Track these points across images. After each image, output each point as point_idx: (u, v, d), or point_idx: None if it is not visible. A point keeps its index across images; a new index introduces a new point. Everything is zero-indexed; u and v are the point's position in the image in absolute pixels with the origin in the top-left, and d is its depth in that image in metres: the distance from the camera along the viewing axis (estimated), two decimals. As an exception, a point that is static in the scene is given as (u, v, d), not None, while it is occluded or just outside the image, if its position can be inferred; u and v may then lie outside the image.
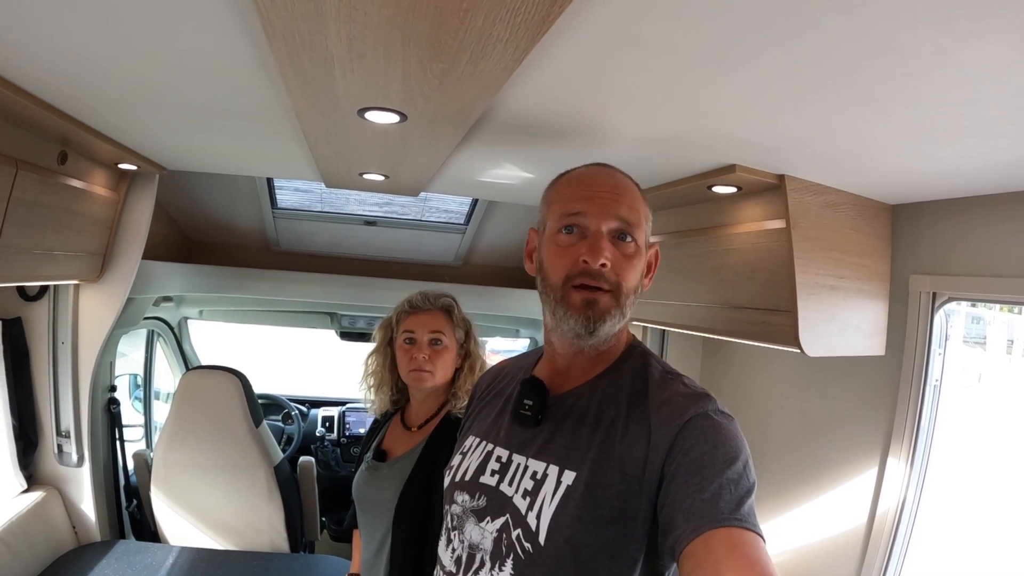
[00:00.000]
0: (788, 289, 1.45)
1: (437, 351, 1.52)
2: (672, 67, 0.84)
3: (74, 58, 0.95)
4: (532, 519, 0.82)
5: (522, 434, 0.91)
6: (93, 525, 2.04)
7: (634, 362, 0.91)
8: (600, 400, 0.88)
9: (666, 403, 0.82)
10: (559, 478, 0.83)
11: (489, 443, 0.95)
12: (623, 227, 0.85)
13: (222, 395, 2.18)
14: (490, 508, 0.88)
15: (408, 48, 0.72)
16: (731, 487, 0.72)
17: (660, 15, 0.68)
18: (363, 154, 1.44)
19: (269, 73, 0.96)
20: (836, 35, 0.69)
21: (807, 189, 1.45)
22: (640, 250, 0.88)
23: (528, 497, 0.84)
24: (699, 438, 0.77)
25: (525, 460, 0.88)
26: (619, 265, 0.85)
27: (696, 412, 0.79)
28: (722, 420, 0.79)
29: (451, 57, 0.74)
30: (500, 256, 3.09)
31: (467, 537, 0.89)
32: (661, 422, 0.80)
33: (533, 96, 1.02)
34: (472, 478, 0.93)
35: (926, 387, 1.56)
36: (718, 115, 1.05)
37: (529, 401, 0.91)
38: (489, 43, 0.69)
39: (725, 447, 0.76)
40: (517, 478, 0.87)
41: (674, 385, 0.85)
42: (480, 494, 0.90)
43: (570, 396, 0.91)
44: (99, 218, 1.78)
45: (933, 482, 1.58)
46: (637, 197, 0.89)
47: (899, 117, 0.95)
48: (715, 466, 0.74)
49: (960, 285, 1.49)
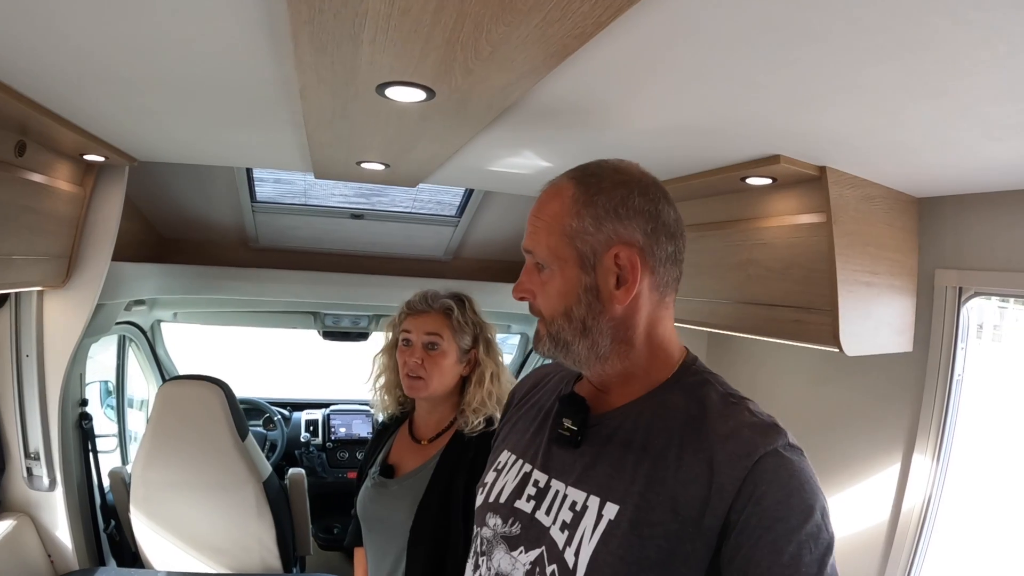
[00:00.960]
0: (826, 287, 1.39)
1: (432, 356, 1.40)
2: (727, 52, 0.78)
3: (34, 27, 0.80)
4: (570, 556, 0.75)
5: (562, 457, 0.84)
6: (70, 552, 1.88)
7: (687, 383, 0.82)
8: (648, 424, 0.79)
9: (731, 437, 0.73)
10: (600, 511, 0.76)
11: (527, 463, 0.88)
12: (531, 256, 0.83)
13: (204, 407, 2.01)
14: (524, 537, 0.82)
15: (469, 3, 0.58)
16: (811, 545, 0.67)
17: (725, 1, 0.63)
18: (368, 140, 1.30)
19: (273, 40, 0.81)
20: (891, 25, 0.67)
21: (847, 182, 1.38)
22: (554, 273, 0.80)
23: (566, 531, 0.77)
24: (771, 483, 0.69)
25: (564, 488, 0.81)
26: (538, 293, 0.82)
27: (766, 450, 0.71)
28: (794, 458, 0.72)
29: (520, 18, 0.61)
30: (493, 249, 2.98)
31: (495, 565, 0.83)
32: (725, 460, 0.72)
33: (576, 77, 0.90)
34: (507, 501, 0.86)
35: (952, 382, 1.53)
36: (767, 103, 0.98)
37: (568, 421, 0.84)
38: (575, 1, 0.56)
39: (800, 494, 0.69)
40: (555, 507, 0.80)
41: (738, 413, 0.76)
42: (514, 520, 0.84)
43: (613, 417, 0.82)
44: (63, 216, 1.60)
45: (955, 477, 1.55)
46: (546, 215, 0.81)
47: (948, 111, 0.91)
48: (791, 520, 0.67)
49: (986, 280, 1.47)
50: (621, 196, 0.78)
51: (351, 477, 3.25)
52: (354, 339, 3.54)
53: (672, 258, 0.81)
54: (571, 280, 0.79)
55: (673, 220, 0.81)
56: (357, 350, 4.08)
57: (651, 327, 0.82)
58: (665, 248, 0.80)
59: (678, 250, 0.82)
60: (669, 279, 0.82)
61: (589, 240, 0.78)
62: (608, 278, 0.78)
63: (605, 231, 0.78)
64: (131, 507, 2.02)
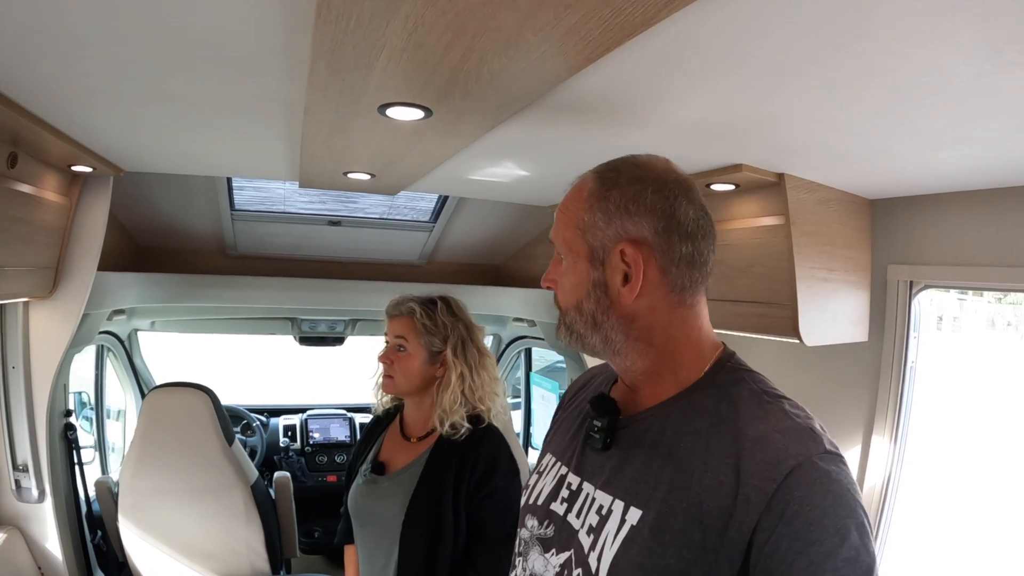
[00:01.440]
0: (787, 283, 1.50)
1: (399, 356, 1.49)
2: (701, 79, 0.85)
3: (32, 37, 0.81)
4: (593, 560, 0.74)
5: (592, 460, 0.83)
6: (60, 564, 1.86)
7: (720, 381, 0.77)
8: (676, 426, 0.75)
9: (761, 442, 0.68)
10: (623, 516, 0.73)
11: (564, 466, 0.88)
12: (557, 248, 0.83)
13: (191, 414, 2.03)
14: (557, 540, 0.81)
15: (478, 40, 0.66)
16: (849, 570, 0.61)
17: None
18: (360, 152, 1.35)
19: (288, 62, 0.86)
20: (842, 58, 0.76)
21: (804, 187, 1.50)
22: (572, 264, 0.80)
23: (592, 535, 0.76)
24: (804, 500, 0.64)
25: (593, 491, 0.80)
26: (558, 284, 0.83)
27: (800, 460, 0.66)
28: (831, 468, 0.66)
29: (521, 53, 0.68)
30: (466, 253, 3.03)
31: (530, 566, 0.83)
32: (753, 469, 0.66)
33: (563, 97, 0.98)
34: (544, 503, 0.86)
35: (906, 369, 1.66)
36: (732, 119, 1.07)
37: (598, 423, 0.82)
38: (571, 41, 0.64)
39: (835, 511, 0.63)
40: (584, 510, 0.79)
41: (772, 415, 0.71)
42: (549, 522, 0.84)
43: (642, 419, 0.79)
44: (51, 227, 1.60)
45: (913, 457, 1.68)
46: (566, 207, 0.81)
47: (907, 125, 1.01)
48: (826, 542, 0.62)
49: (935, 274, 1.59)
50: (634, 192, 0.76)
51: (331, 481, 3.28)
52: (330, 344, 3.56)
53: (689, 259, 0.76)
54: (582, 274, 0.78)
55: (692, 220, 0.76)
56: (332, 355, 4.07)
57: (671, 327, 0.78)
58: (679, 248, 0.76)
59: (697, 251, 0.77)
60: (687, 281, 0.77)
61: (599, 235, 0.77)
62: (615, 274, 0.76)
63: (614, 227, 0.76)
64: (119, 516, 2.02)
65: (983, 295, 4.74)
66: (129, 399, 3.03)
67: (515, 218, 2.66)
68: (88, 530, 2.13)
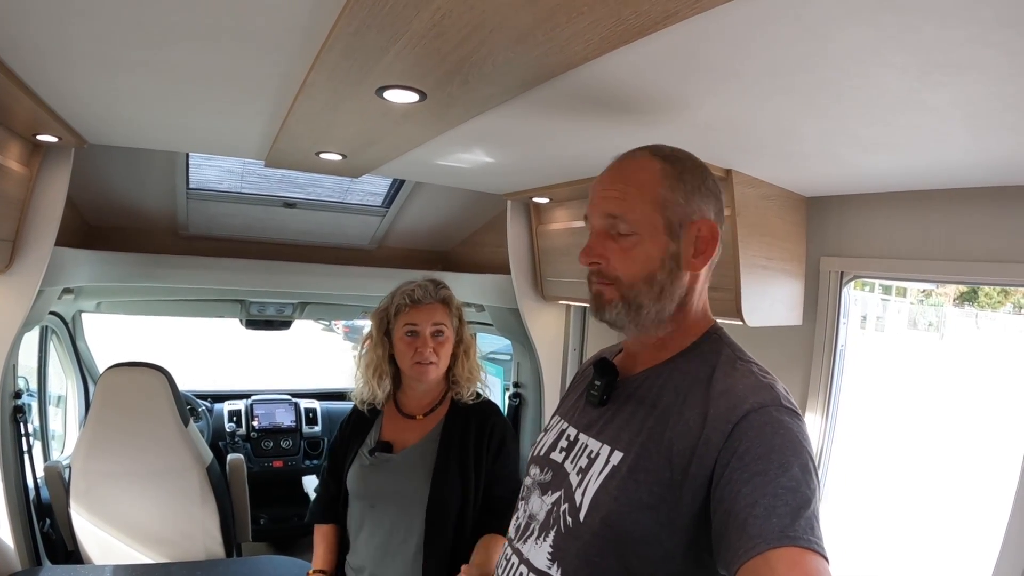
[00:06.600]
0: (732, 269, 1.63)
1: (440, 343, 1.54)
2: (683, 80, 0.93)
3: None
4: (578, 495, 0.84)
5: (589, 414, 0.94)
6: (12, 553, 1.78)
7: (706, 348, 0.88)
8: (662, 385, 0.86)
9: (725, 393, 0.79)
10: (608, 458, 0.84)
11: (565, 422, 0.99)
12: (613, 221, 0.86)
13: (147, 394, 2.00)
14: (552, 483, 0.91)
15: (494, 35, 0.73)
16: (787, 498, 0.68)
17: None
18: (342, 132, 1.37)
19: (304, 39, 0.87)
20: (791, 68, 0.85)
21: (748, 183, 1.63)
22: (642, 239, 0.85)
23: (580, 474, 0.86)
24: (755, 438, 0.72)
25: (587, 440, 0.90)
26: (615, 258, 0.86)
27: (754, 406, 0.75)
28: (783, 417, 0.75)
29: (527, 50, 0.76)
30: (416, 239, 3.07)
31: (529, 508, 0.94)
32: (716, 415, 0.76)
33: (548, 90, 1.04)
34: (545, 453, 0.97)
35: (836, 351, 1.84)
36: (696, 117, 1.15)
37: (598, 382, 0.92)
38: (573, 43, 0.72)
39: (782, 451, 0.71)
40: (577, 456, 0.90)
41: (739, 373, 0.82)
42: (548, 469, 0.94)
43: (636, 379, 0.91)
44: (10, 198, 1.54)
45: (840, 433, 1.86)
46: (635, 183, 0.85)
47: (847, 131, 1.13)
48: (769, 473, 0.70)
49: (863, 265, 1.77)
50: (701, 176, 0.88)
51: (276, 466, 3.31)
52: (277, 328, 3.52)
53: (720, 239, 0.88)
54: (659, 245, 0.85)
55: (723, 207, 0.91)
56: (277, 340, 3.99)
57: (701, 296, 0.91)
58: (721, 229, 0.88)
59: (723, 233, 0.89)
60: (717, 258, 0.90)
61: (679, 211, 0.85)
62: (688, 247, 0.86)
63: (693, 204, 0.86)
64: (71, 502, 1.96)
65: (905, 296, 5.18)
66: (71, 385, 2.90)
67: (465, 206, 2.73)
68: (36, 518, 2.05)
